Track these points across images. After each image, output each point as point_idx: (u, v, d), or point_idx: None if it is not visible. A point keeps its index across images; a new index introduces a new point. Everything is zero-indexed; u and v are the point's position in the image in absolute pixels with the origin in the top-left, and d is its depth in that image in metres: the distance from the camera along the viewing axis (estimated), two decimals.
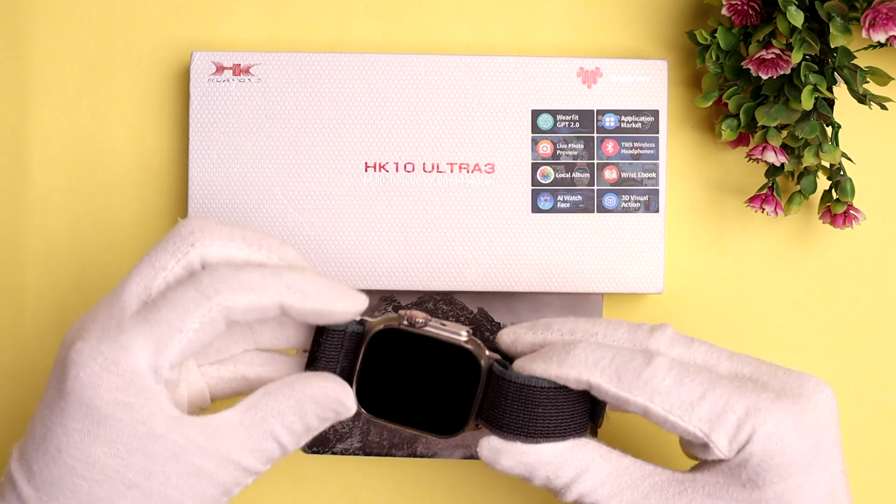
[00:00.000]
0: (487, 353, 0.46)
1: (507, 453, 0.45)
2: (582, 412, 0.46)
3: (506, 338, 0.47)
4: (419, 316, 0.46)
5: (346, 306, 0.45)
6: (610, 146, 0.56)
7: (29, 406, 0.58)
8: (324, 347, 0.46)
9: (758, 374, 0.45)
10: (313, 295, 0.44)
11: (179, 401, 0.46)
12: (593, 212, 0.56)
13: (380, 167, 0.56)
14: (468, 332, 0.46)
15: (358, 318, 0.47)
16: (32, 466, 0.44)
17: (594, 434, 0.47)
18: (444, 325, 0.46)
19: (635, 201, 0.55)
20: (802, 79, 0.51)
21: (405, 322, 0.46)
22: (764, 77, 0.52)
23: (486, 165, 0.56)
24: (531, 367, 0.45)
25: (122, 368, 0.43)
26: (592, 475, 0.45)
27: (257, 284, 0.44)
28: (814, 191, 0.55)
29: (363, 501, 0.59)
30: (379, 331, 0.46)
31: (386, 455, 0.58)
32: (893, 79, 0.52)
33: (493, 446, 0.46)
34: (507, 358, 0.48)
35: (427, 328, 0.46)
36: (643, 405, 0.44)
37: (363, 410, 0.47)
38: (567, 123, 0.56)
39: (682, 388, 0.44)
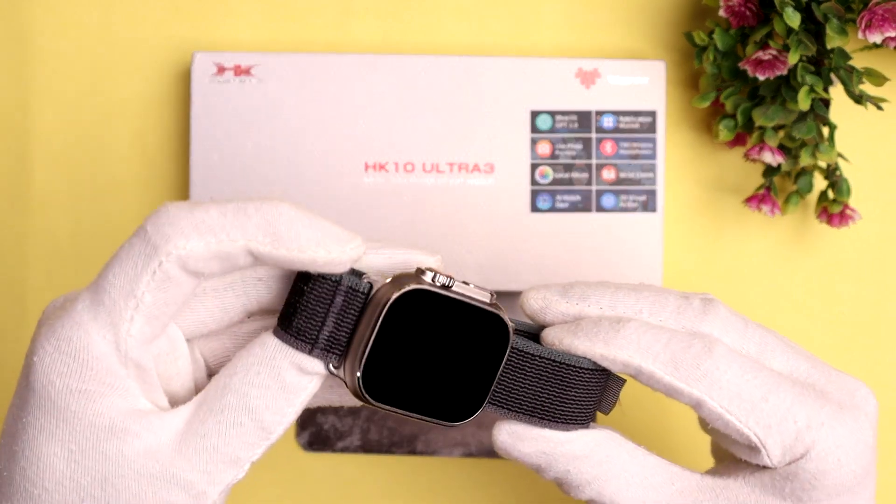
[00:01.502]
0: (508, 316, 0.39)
1: (529, 440, 0.39)
2: (600, 396, 0.41)
3: (534, 302, 0.40)
4: (444, 273, 0.37)
5: (333, 254, 0.35)
6: (608, 146, 0.56)
7: None
8: (307, 299, 0.36)
9: (813, 374, 0.41)
10: (288, 238, 0.35)
11: (172, 390, 0.38)
12: (592, 211, 0.56)
13: (379, 167, 0.56)
14: (492, 294, 0.38)
15: (358, 271, 0.37)
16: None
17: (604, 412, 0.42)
18: (466, 285, 0.37)
19: (633, 201, 0.56)
20: (799, 79, 0.51)
21: (437, 282, 0.36)
22: (761, 78, 0.52)
23: (485, 165, 0.56)
24: (571, 342, 0.39)
25: (75, 347, 0.35)
26: (616, 474, 0.40)
27: (216, 225, 0.35)
28: (810, 190, 0.55)
29: (363, 499, 0.59)
30: (405, 293, 0.36)
31: (386, 453, 0.58)
32: (889, 79, 0.52)
33: (513, 430, 0.39)
34: (526, 332, 0.41)
35: (453, 290, 0.37)
36: (699, 398, 0.39)
37: (368, 399, 0.36)
38: (566, 124, 0.56)
39: (743, 385, 0.39)
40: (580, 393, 0.39)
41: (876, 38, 0.50)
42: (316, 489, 0.59)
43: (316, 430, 0.58)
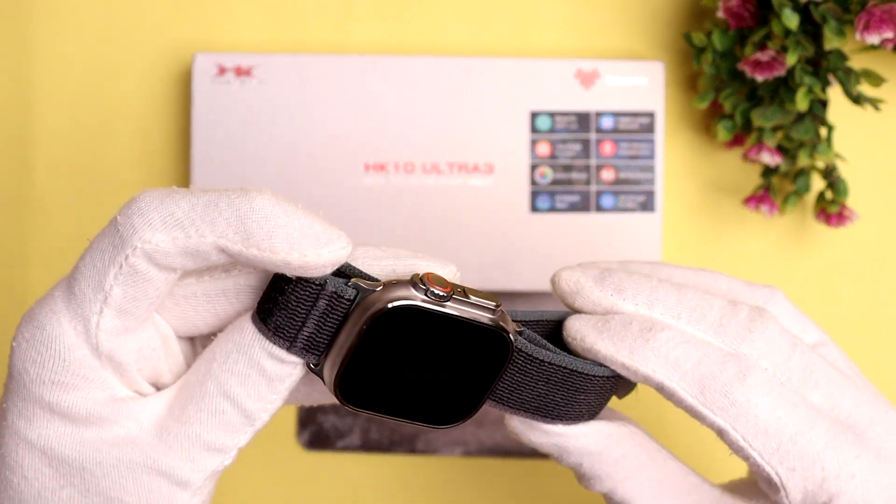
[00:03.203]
0: (512, 325, 0.36)
1: (540, 432, 0.37)
2: (613, 393, 0.38)
3: (565, 285, 0.37)
4: (438, 285, 0.34)
5: (309, 258, 0.32)
6: (607, 147, 0.56)
7: None
8: (286, 299, 0.33)
9: (857, 414, 0.37)
10: (259, 237, 0.32)
11: (164, 384, 0.36)
12: (591, 212, 0.56)
13: (379, 167, 0.56)
14: (497, 303, 0.35)
15: (352, 270, 0.35)
16: None
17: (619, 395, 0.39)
18: (467, 297, 0.35)
19: (632, 201, 0.56)
20: (797, 80, 0.51)
21: (428, 296, 0.34)
22: (759, 79, 0.52)
23: (484, 166, 0.56)
24: (594, 342, 0.36)
25: (49, 336, 0.33)
26: (631, 475, 0.38)
27: (185, 218, 0.32)
28: (808, 191, 0.56)
29: (364, 498, 0.59)
30: (392, 309, 0.33)
31: (386, 452, 0.58)
32: (887, 80, 0.53)
33: (524, 420, 0.37)
34: (545, 325, 0.38)
35: (450, 304, 0.34)
36: (721, 427, 0.36)
37: (344, 403, 0.35)
38: (565, 124, 0.56)
39: (772, 421, 0.36)
40: (591, 396, 0.37)
41: (874, 39, 0.50)
42: (316, 489, 0.59)
43: (316, 430, 0.58)
